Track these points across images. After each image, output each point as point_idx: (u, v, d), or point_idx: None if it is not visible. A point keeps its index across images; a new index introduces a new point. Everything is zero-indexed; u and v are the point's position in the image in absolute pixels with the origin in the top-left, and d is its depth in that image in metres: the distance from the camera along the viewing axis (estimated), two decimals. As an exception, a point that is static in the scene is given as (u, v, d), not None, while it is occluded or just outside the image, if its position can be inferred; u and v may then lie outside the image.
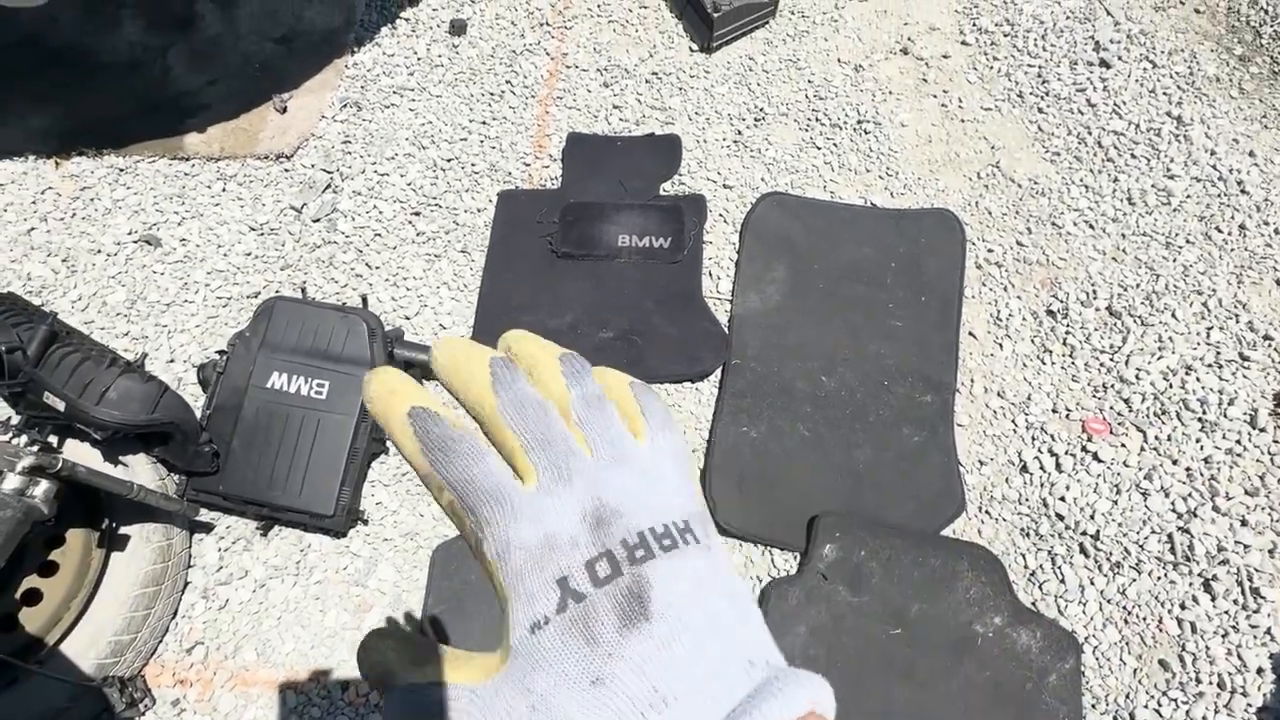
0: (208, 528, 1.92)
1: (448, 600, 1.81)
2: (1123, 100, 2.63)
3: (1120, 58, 2.72)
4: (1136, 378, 2.09)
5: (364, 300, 2.06)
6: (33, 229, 2.37)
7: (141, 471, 1.80)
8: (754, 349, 2.14)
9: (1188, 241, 2.33)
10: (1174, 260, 2.30)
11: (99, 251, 2.33)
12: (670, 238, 2.32)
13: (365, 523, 1.91)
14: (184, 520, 1.83)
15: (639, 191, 2.43)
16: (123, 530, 1.74)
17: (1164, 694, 1.71)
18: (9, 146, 2.53)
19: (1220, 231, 2.34)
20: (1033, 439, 2.04)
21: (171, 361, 2.15)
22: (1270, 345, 2.13)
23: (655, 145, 2.54)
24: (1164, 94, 2.65)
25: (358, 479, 1.86)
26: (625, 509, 0.33)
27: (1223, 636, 1.76)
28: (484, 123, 2.63)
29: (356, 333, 1.90)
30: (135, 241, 2.34)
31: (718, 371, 2.13)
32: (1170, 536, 1.87)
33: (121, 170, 2.49)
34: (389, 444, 2.01)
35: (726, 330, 2.18)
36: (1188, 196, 2.42)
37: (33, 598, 1.64)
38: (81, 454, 1.75)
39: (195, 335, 2.20)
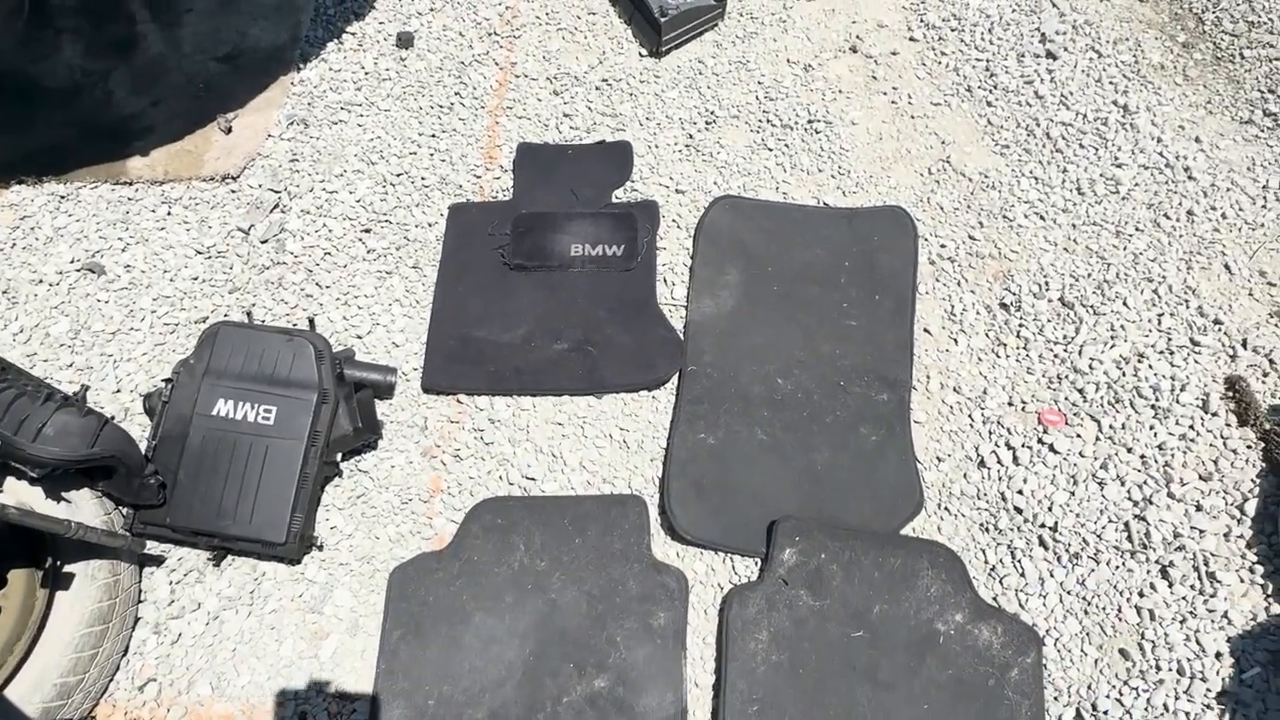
0: (158, 560, 1.88)
1: (405, 623, 1.79)
2: (1070, 91, 2.65)
3: (1066, 49, 2.75)
4: (1090, 367, 2.10)
5: (311, 322, 2.02)
6: (-29, 261, 2.32)
7: (85, 507, 1.75)
8: (710, 354, 2.13)
9: (1137, 229, 2.35)
10: (1124, 248, 2.31)
11: (40, 281, 2.28)
12: (623, 245, 2.31)
13: (320, 548, 1.88)
14: (131, 555, 1.79)
15: (591, 200, 2.42)
16: (67, 568, 1.70)
17: (1125, 683, 1.71)
18: (-54, 177, 2.48)
19: (1169, 218, 2.36)
20: (989, 433, 2.04)
21: (118, 392, 2.11)
22: (1220, 329, 2.15)
23: (606, 153, 2.53)
24: (1110, 83, 2.67)
25: (309, 504, 1.83)
26: None
27: (1181, 622, 1.76)
28: (434, 135, 2.60)
29: (303, 355, 1.87)
30: (78, 270, 2.30)
31: (674, 379, 2.12)
32: (1127, 525, 1.88)
33: (63, 198, 2.45)
34: (343, 465, 1.99)
35: (682, 337, 2.17)
36: (1136, 184, 2.44)
37: (-27, 642, 1.60)
38: (22, 491, 1.71)
39: (142, 364, 2.15)
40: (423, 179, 2.50)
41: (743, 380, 2.09)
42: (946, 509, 1.96)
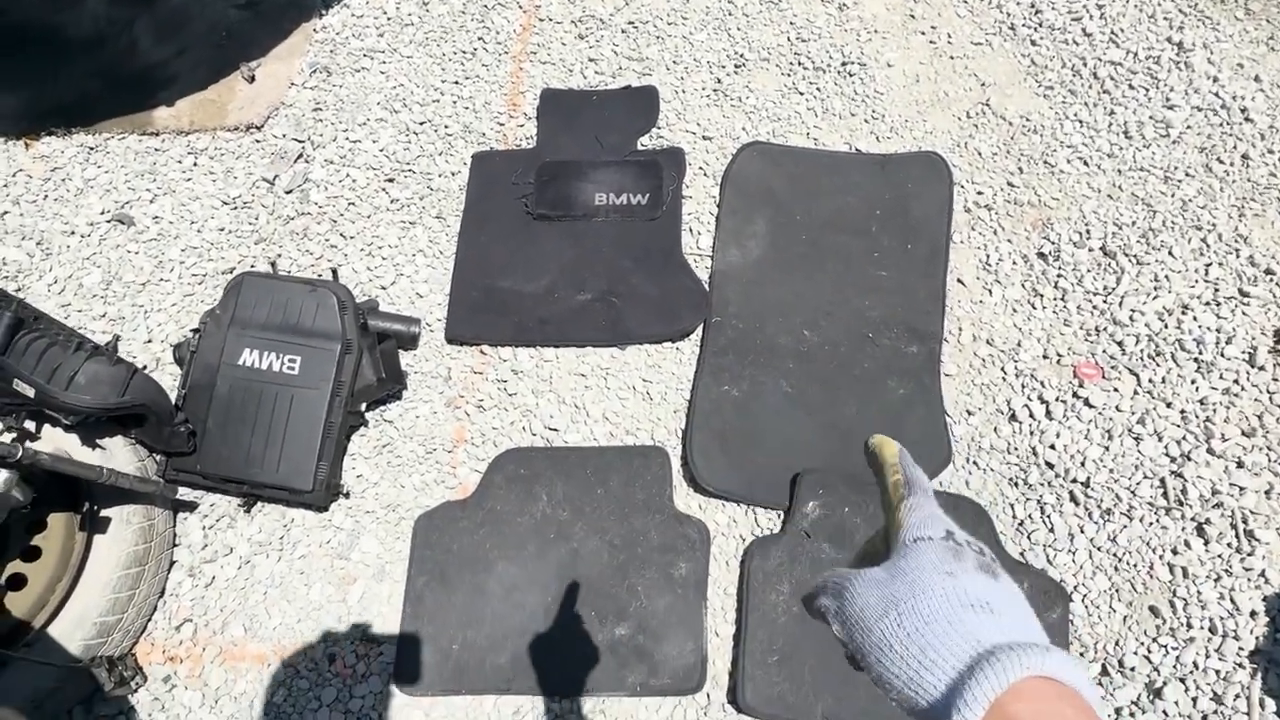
0: (191, 506, 1.92)
1: (430, 570, 1.81)
2: (1120, 28, 2.51)
3: (1118, -18, 2.60)
4: (1130, 319, 2.02)
5: (334, 273, 2.02)
6: (5, 213, 2.35)
7: (119, 454, 1.80)
8: (735, 305, 2.09)
9: (1187, 175, 2.24)
10: (1172, 195, 2.21)
11: (73, 233, 2.31)
12: (648, 194, 2.26)
13: (347, 496, 1.91)
14: (165, 500, 1.83)
15: (615, 147, 2.37)
16: (104, 513, 1.75)
17: (1154, 640, 1.69)
18: (-21, 130, 2.50)
19: (1222, 163, 2.25)
20: (1022, 386, 1.99)
21: (149, 342, 2.14)
22: (1271, 280, 2.05)
23: (632, 98, 2.47)
24: (1164, 18, 2.53)
25: (335, 453, 1.85)
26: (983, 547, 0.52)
27: (1215, 580, 1.72)
28: (456, 83, 2.56)
29: (326, 306, 1.87)
30: (108, 221, 2.32)
31: (698, 330, 2.09)
32: (1163, 481, 1.83)
33: (91, 149, 2.46)
34: (368, 415, 2.00)
35: (707, 287, 2.13)
36: (1188, 127, 2.32)
37: (17, 583, 1.66)
38: (59, 438, 1.75)
39: (172, 314, 2.18)
40: (446, 127, 2.47)
41: (768, 331, 2.05)
42: (975, 463, 1.92)
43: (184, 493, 1.92)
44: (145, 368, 2.09)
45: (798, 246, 2.17)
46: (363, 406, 1.93)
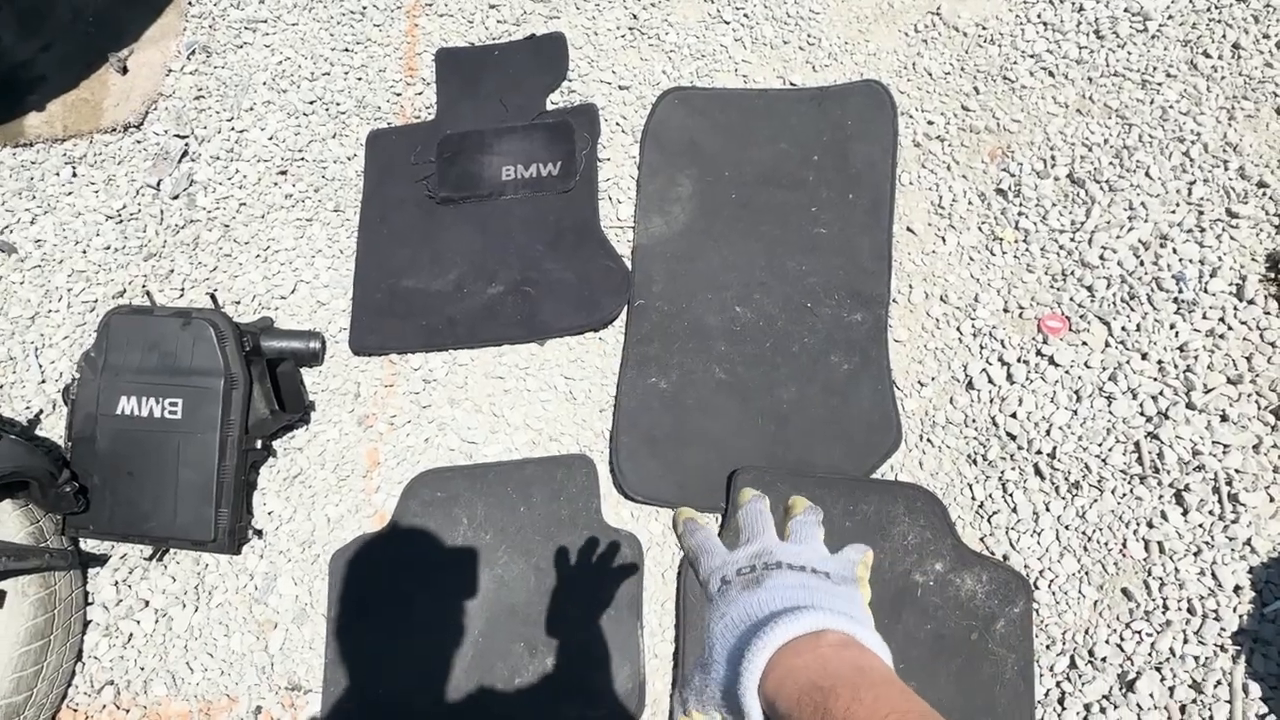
0: (102, 560, 1.83)
1: (349, 611, 1.71)
2: (1091, -99, 2.16)
3: None
4: (1101, 259, 1.80)
5: (213, 298, 1.85)
6: (-120, 252, 2.19)
7: (9, 519, 1.69)
8: (660, 284, 1.90)
9: (1168, 75, 1.96)
10: (1150, 102, 1.94)
11: (-47, 268, 2.15)
12: (559, 162, 2.03)
13: (259, 535, 1.80)
14: (65, 563, 1.73)
15: (522, 109, 2.13)
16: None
17: (1127, 626, 1.54)
18: None
19: (1208, 57, 1.96)
20: (980, 348, 1.79)
21: (43, 382, 2.01)
22: (1265, 194, 1.80)
23: (537, 48, 2.20)
24: (1143, -116, 2.17)
25: (236, 496, 1.73)
26: (778, 555, 0.63)
27: (1195, 555, 1.56)
28: (347, 50, 2.30)
29: (204, 339, 1.71)
30: (-12, 251, 2.15)
31: (621, 316, 1.90)
32: (1137, 445, 1.65)
33: (-37, 169, 2.27)
34: (276, 444, 1.87)
35: (629, 265, 1.93)
36: (1169, 17, 2.01)
37: (-85, 670, 1.58)
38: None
39: (64, 349, 2.03)
40: (338, 104, 2.23)
41: (697, 311, 1.86)
42: (929, 441, 1.75)
43: (94, 545, 1.82)
44: (41, 413, 1.96)
45: (727, 209, 1.95)
46: (258, 443, 1.78)
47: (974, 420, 1.74)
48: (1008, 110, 1.98)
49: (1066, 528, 1.63)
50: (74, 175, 2.23)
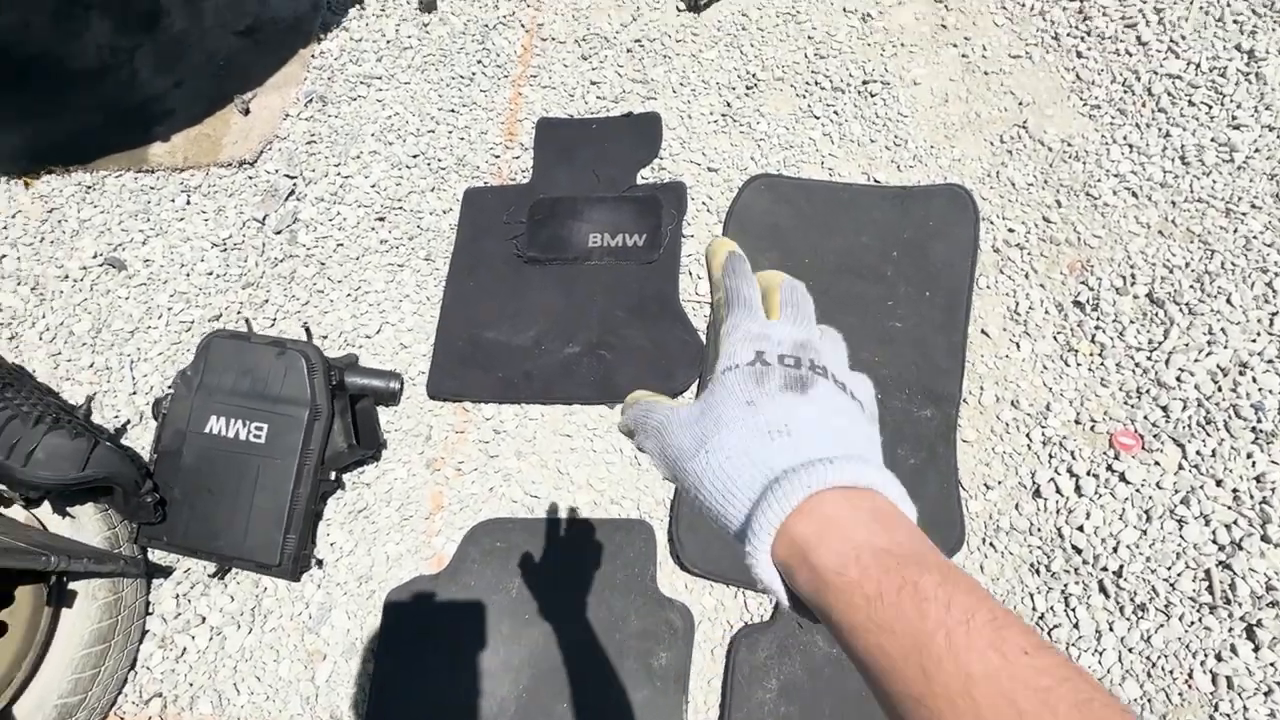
0: (167, 572, 1.88)
1: (398, 653, 1.73)
2: (1181, 35, 2.23)
3: (1181, -20, 2.31)
4: (1178, 380, 1.80)
5: (307, 331, 1.94)
6: (3, 256, 2.34)
7: (89, 523, 1.76)
8: (733, 361, 1.94)
9: (1253, 206, 1.98)
10: (1234, 231, 1.96)
11: (66, 277, 2.28)
12: (645, 234, 2.11)
13: (319, 565, 1.84)
14: (134, 571, 1.79)
15: (613, 181, 2.22)
16: (71, 585, 1.71)
17: (1190, 762, 1.49)
18: (-15, 169, 2.50)
19: (1294, 192, 1.98)
20: (1050, 457, 1.79)
21: (134, 394, 2.10)
22: (1349, 333, 1.80)
23: (633, 126, 2.31)
24: (1234, 21, 2.24)
25: (303, 525, 1.78)
26: (824, 356, 0.52)
27: (1265, 694, 1.51)
28: (453, 110, 2.44)
29: (295, 369, 1.79)
30: (100, 265, 2.28)
31: (692, 388, 1.94)
32: (1208, 573, 1.62)
33: (89, 188, 2.43)
34: (345, 478, 1.92)
35: (704, 340, 1.98)
36: (1256, 150, 2.05)
37: (-18, 660, 1.63)
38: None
39: (157, 364, 2.13)
40: (439, 160, 2.36)
41: (767, 391, 1.89)
42: (992, 545, 1.73)
43: (161, 556, 1.87)
44: (128, 423, 2.05)
45: (804, 294, 1.99)
46: (332, 475, 1.84)
47: (1039, 529, 1.73)
48: (1089, 225, 2.02)
49: (1130, 650, 1.59)
50: (188, 203, 2.37)
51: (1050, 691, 0.34)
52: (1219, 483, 1.69)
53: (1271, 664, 1.53)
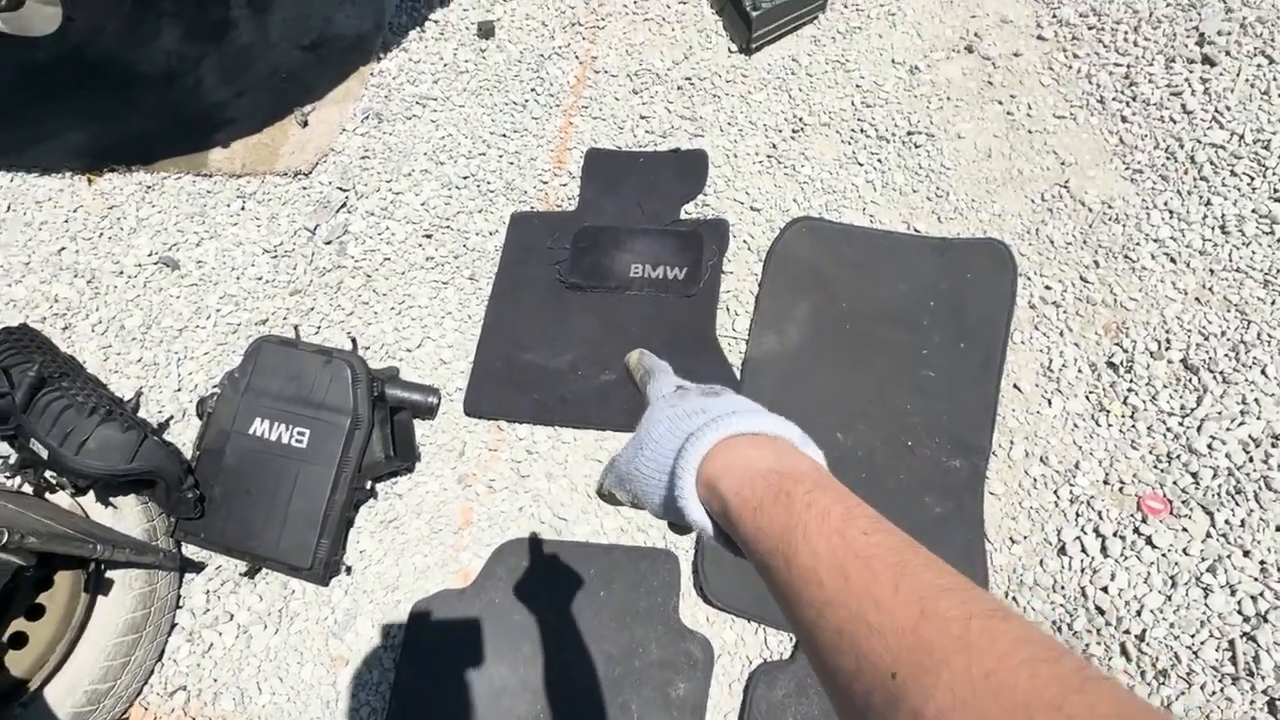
0: (199, 567, 1.92)
1: (420, 664, 1.75)
2: (1226, 105, 2.26)
3: (1229, 52, 2.34)
4: (1209, 448, 1.81)
5: (354, 342, 1.99)
6: (63, 249, 2.42)
7: (129, 513, 1.80)
8: (766, 398, 1.95)
9: (1292, 279, 2.00)
10: (1272, 302, 1.97)
11: (121, 273, 2.35)
12: (686, 268, 2.16)
13: (348, 572, 1.87)
14: (170, 564, 1.83)
15: (657, 214, 2.27)
16: (109, 574, 1.75)
17: (1206, 833, 1.49)
18: (49, 163, 2.59)
19: (1334, 268, 1.99)
20: (1076, 515, 1.80)
21: (179, 390, 2.16)
22: (1384, 412, 1.80)
23: (680, 162, 2.36)
24: (1279, 95, 2.27)
25: (337, 530, 1.81)
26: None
27: (1286, 771, 1.51)
28: (504, 135, 2.50)
29: (340, 378, 1.84)
30: (154, 263, 2.35)
31: (724, 422, 1.97)
32: (1232, 644, 1.62)
33: (149, 188, 2.51)
34: (378, 487, 1.96)
35: (738, 375, 2.01)
36: (1297, 224, 2.07)
37: (18, 641, 1.67)
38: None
39: (203, 363, 2.19)
40: (488, 183, 2.42)
41: (799, 431, 1.92)
42: (1015, 599, 1.74)
43: (195, 551, 1.92)
44: (171, 419, 2.10)
45: (841, 337, 2.02)
46: (367, 483, 1.88)
47: (1063, 587, 1.74)
48: (1126, 288, 2.04)
49: (1150, 716, 1.59)
50: (242, 208, 2.44)
51: (874, 558, 0.43)
52: (1246, 553, 1.69)
53: (1293, 740, 1.53)
